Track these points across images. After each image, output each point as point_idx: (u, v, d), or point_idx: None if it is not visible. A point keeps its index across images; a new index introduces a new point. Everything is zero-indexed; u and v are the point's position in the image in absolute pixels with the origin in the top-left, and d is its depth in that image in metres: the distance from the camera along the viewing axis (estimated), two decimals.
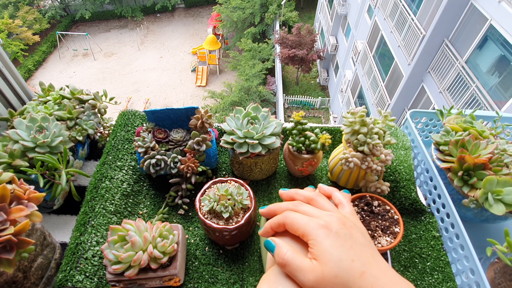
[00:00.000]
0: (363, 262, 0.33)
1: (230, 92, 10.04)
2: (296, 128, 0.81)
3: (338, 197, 0.44)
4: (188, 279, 0.67)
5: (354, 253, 0.34)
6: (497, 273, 0.67)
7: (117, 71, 13.06)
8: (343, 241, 0.34)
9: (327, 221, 0.36)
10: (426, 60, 5.79)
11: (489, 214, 0.74)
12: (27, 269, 0.57)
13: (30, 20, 13.30)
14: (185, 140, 0.82)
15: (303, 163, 0.81)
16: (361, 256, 0.34)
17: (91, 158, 0.95)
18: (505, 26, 4.11)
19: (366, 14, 8.70)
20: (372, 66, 7.79)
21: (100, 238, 0.66)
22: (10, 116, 0.82)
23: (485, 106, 4.43)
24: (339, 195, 0.44)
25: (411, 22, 5.94)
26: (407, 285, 0.33)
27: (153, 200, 0.81)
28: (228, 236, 0.66)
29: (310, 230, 0.35)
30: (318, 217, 0.37)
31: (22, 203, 0.52)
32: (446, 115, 0.93)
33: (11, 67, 0.90)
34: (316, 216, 0.37)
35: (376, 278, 0.32)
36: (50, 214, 0.82)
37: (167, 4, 15.49)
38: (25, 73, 12.50)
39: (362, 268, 0.33)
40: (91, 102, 0.90)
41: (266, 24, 12.42)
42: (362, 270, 0.32)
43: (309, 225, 0.36)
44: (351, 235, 0.36)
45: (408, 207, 0.81)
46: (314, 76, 12.39)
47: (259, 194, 0.84)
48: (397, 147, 0.90)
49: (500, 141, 0.79)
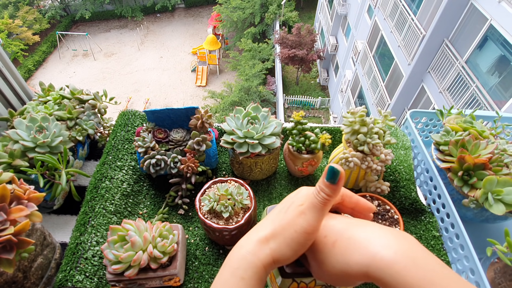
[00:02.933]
0: (335, 232, 0.35)
1: (230, 92, 10.04)
2: (296, 128, 0.81)
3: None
4: (188, 279, 0.67)
5: (326, 230, 0.36)
6: (497, 273, 0.67)
7: (117, 71, 13.05)
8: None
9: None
10: (426, 60, 5.78)
11: (489, 214, 0.74)
12: (27, 269, 0.57)
13: (30, 20, 13.30)
14: (185, 140, 0.82)
15: (303, 163, 0.81)
16: (333, 229, 0.36)
17: (91, 158, 0.95)
18: (505, 26, 4.11)
19: (366, 14, 8.70)
20: (372, 66, 7.78)
21: (100, 238, 0.66)
22: (10, 116, 0.82)
23: (485, 106, 4.43)
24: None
25: (411, 22, 5.94)
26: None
27: (153, 200, 0.81)
28: (228, 236, 0.66)
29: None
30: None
31: (22, 203, 0.52)
32: (446, 115, 0.93)
33: (11, 67, 0.90)
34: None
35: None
36: (50, 214, 0.82)
37: (167, 4, 15.48)
38: (25, 73, 12.49)
39: (334, 238, 0.35)
40: (91, 102, 0.90)
41: (266, 24, 12.41)
42: (333, 239, 0.34)
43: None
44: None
45: (408, 207, 0.81)
46: (314, 76, 12.39)
47: (259, 194, 0.84)
48: (397, 147, 0.90)
49: (500, 141, 0.79)
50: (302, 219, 0.34)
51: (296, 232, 0.34)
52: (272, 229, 0.36)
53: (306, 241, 0.35)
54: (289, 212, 0.36)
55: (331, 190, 0.33)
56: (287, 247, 0.35)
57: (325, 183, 0.33)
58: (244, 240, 0.37)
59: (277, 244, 0.35)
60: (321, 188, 0.34)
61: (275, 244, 0.35)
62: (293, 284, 0.43)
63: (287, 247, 0.35)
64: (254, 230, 0.38)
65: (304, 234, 0.34)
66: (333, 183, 0.33)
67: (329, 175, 0.33)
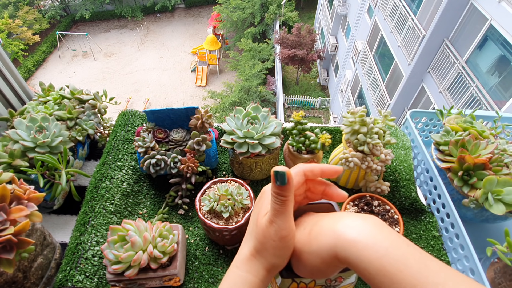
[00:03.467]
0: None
1: (230, 92, 10.04)
2: (296, 128, 0.81)
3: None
4: (188, 279, 0.67)
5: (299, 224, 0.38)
6: (497, 273, 0.67)
7: (117, 71, 13.05)
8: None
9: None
10: (426, 60, 5.78)
11: (489, 214, 0.74)
12: (27, 269, 0.57)
13: (30, 20, 13.29)
14: (185, 140, 0.82)
15: (303, 163, 0.81)
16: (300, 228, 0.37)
17: (91, 158, 0.95)
18: (505, 26, 4.11)
19: (366, 14, 8.70)
20: (372, 66, 7.78)
21: (100, 238, 0.66)
22: (10, 116, 0.82)
23: (485, 106, 4.43)
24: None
25: (411, 22, 5.94)
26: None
27: (153, 200, 0.81)
28: (228, 236, 0.66)
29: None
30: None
31: (22, 203, 0.52)
32: (446, 115, 0.93)
33: (11, 67, 0.90)
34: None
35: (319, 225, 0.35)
36: (50, 214, 0.82)
37: (167, 4, 15.48)
38: (25, 73, 12.49)
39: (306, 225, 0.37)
40: (91, 102, 0.90)
41: (266, 24, 12.41)
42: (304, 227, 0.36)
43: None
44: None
45: (408, 207, 0.81)
46: (314, 76, 12.39)
47: (259, 194, 0.84)
48: (397, 147, 0.90)
49: (500, 141, 0.79)
50: (273, 228, 0.35)
51: (275, 241, 0.35)
52: (254, 245, 0.37)
53: (287, 244, 0.35)
54: (259, 225, 0.37)
55: (286, 191, 0.34)
56: (274, 257, 0.36)
57: (277, 187, 0.34)
58: (237, 258, 0.38)
59: (264, 258, 0.36)
60: (276, 193, 0.34)
61: (263, 258, 0.36)
62: (292, 284, 0.43)
63: (274, 256, 0.36)
64: (243, 244, 0.39)
65: (282, 239, 0.35)
66: (284, 184, 0.34)
67: (277, 178, 0.34)
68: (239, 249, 0.39)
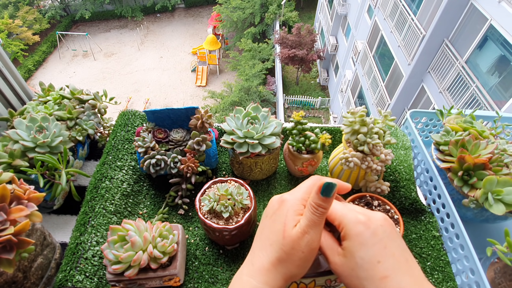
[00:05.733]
0: (392, 266, 0.32)
1: (230, 92, 10.04)
2: (296, 128, 0.81)
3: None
4: (188, 279, 0.67)
5: (386, 254, 0.32)
6: (497, 273, 0.67)
7: (117, 71, 13.05)
8: (378, 239, 0.33)
9: (369, 216, 0.35)
10: (426, 60, 5.79)
11: (489, 214, 0.74)
12: (27, 269, 0.57)
13: (30, 20, 13.30)
14: (185, 140, 0.82)
15: (303, 163, 0.81)
16: (392, 259, 0.32)
17: (91, 158, 0.95)
18: (505, 26, 4.11)
19: (366, 14, 8.70)
20: (372, 66, 7.78)
21: (100, 238, 0.66)
22: (10, 116, 0.82)
23: (485, 106, 4.43)
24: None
25: (411, 22, 5.94)
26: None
27: (153, 200, 0.81)
28: (228, 236, 0.66)
29: (347, 222, 0.35)
30: (359, 212, 0.36)
31: (22, 203, 0.52)
32: (446, 115, 0.93)
33: (11, 67, 0.90)
34: (358, 212, 0.36)
35: (399, 286, 0.31)
36: (50, 214, 0.82)
37: (167, 4, 15.49)
38: (25, 73, 12.49)
39: (386, 272, 0.31)
40: (91, 102, 0.90)
41: (266, 24, 12.41)
42: (385, 274, 0.31)
43: (347, 216, 0.35)
44: (391, 235, 0.34)
45: (408, 207, 0.81)
46: (314, 76, 12.39)
47: (259, 194, 0.84)
48: (397, 147, 0.90)
49: (500, 141, 0.79)
50: (305, 240, 0.35)
51: (304, 252, 0.35)
52: (278, 256, 0.36)
53: (313, 256, 0.36)
54: (287, 236, 0.36)
55: (328, 203, 0.34)
56: (297, 268, 0.36)
57: (321, 199, 0.34)
58: (250, 270, 0.37)
59: (286, 268, 0.36)
60: (317, 204, 0.34)
61: (285, 269, 0.36)
62: (292, 284, 0.44)
63: (297, 267, 0.36)
64: (258, 253, 0.38)
65: (311, 251, 0.35)
66: (329, 196, 0.34)
67: (326, 190, 0.34)
68: (251, 258, 0.38)
